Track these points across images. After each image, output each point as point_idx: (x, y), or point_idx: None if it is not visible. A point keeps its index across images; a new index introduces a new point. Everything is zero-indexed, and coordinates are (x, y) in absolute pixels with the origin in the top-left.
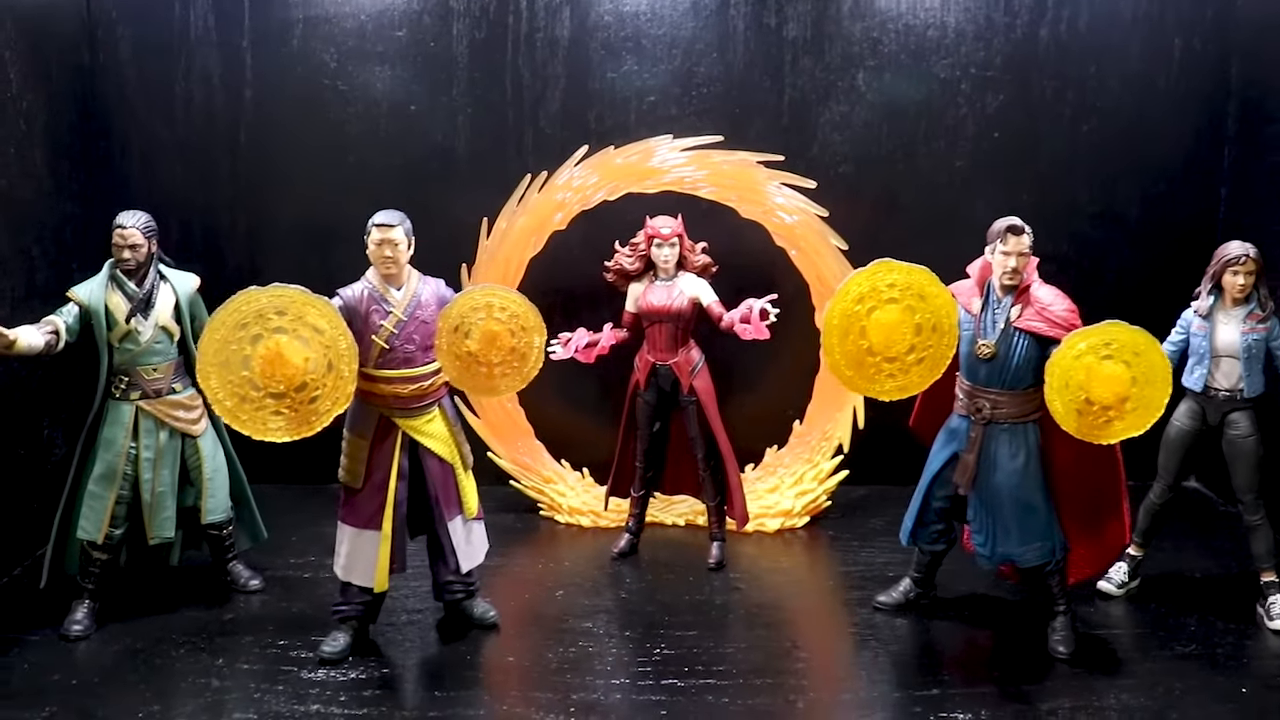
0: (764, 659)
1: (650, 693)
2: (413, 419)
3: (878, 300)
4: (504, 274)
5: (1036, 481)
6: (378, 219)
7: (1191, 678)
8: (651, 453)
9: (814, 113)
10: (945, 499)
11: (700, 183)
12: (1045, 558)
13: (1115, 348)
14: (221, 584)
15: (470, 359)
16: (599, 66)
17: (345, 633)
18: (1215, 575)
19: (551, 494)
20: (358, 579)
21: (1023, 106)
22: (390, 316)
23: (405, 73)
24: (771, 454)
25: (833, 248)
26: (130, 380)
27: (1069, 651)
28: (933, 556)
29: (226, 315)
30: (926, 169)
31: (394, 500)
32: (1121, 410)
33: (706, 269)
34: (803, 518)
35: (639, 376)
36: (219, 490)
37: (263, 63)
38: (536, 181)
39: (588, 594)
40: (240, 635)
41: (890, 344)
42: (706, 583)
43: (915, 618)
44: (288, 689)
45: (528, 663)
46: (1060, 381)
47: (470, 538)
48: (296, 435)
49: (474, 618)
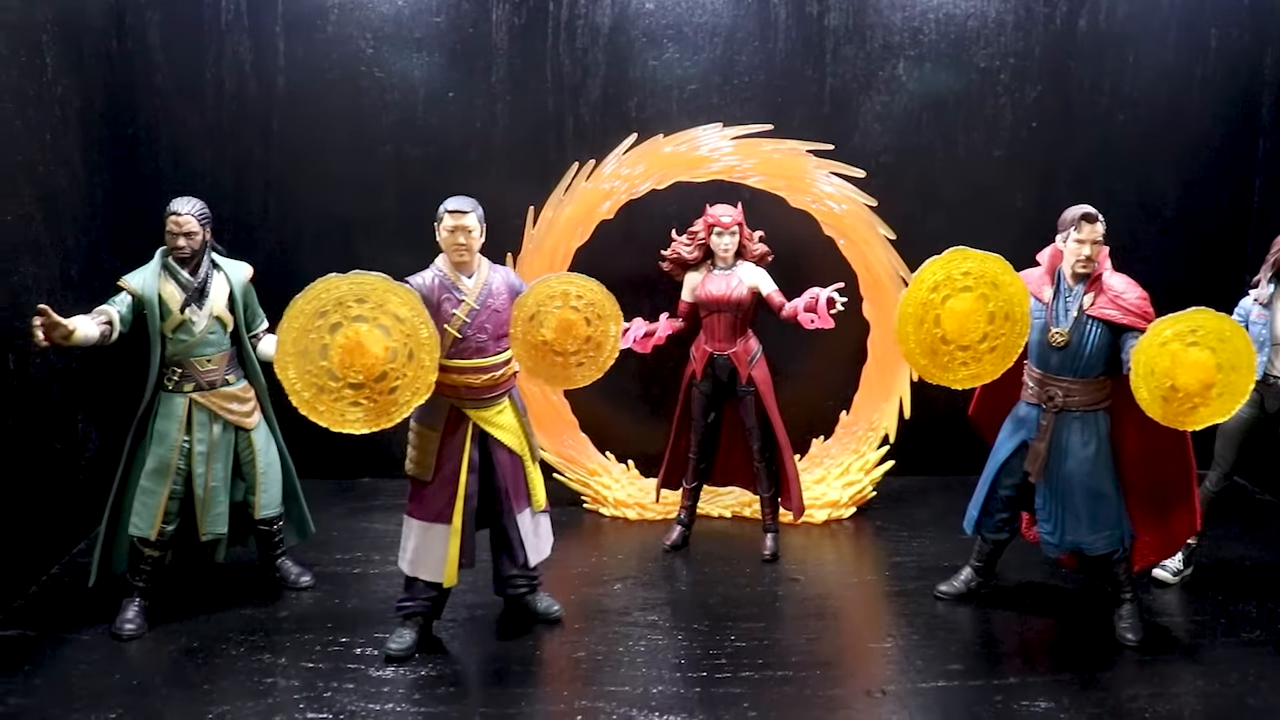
0: (836, 650)
1: (729, 685)
2: (484, 410)
3: (952, 288)
4: (550, 264)
5: (1107, 470)
6: (450, 205)
7: (1263, 664)
8: (705, 444)
9: (855, 102)
10: (1012, 487)
11: (749, 172)
12: (1114, 546)
13: (1201, 334)
14: (270, 581)
15: (545, 348)
16: (640, 54)
17: (411, 629)
18: (1266, 563)
19: (596, 486)
20: (425, 574)
21: (1060, 96)
22: (463, 305)
23: (443, 59)
24: (818, 445)
25: (881, 237)
26: (184, 372)
27: (1138, 639)
28: (995, 545)
29: (305, 303)
30: (965, 159)
31: (464, 493)
32: (1206, 397)
33: (764, 258)
34: (849, 509)
35: (695, 367)
36: (272, 485)
37: (296, 49)
38: (584, 171)
39: (645, 587)
40: (299, 633)
41: (964, 332)
42: (763, 575)
43: (977, 607)
44: (357, 687)
45: (599, 657)
46: (1145, 369)
47: (538, 531)
48: (375, 427)
49: (538, 612)
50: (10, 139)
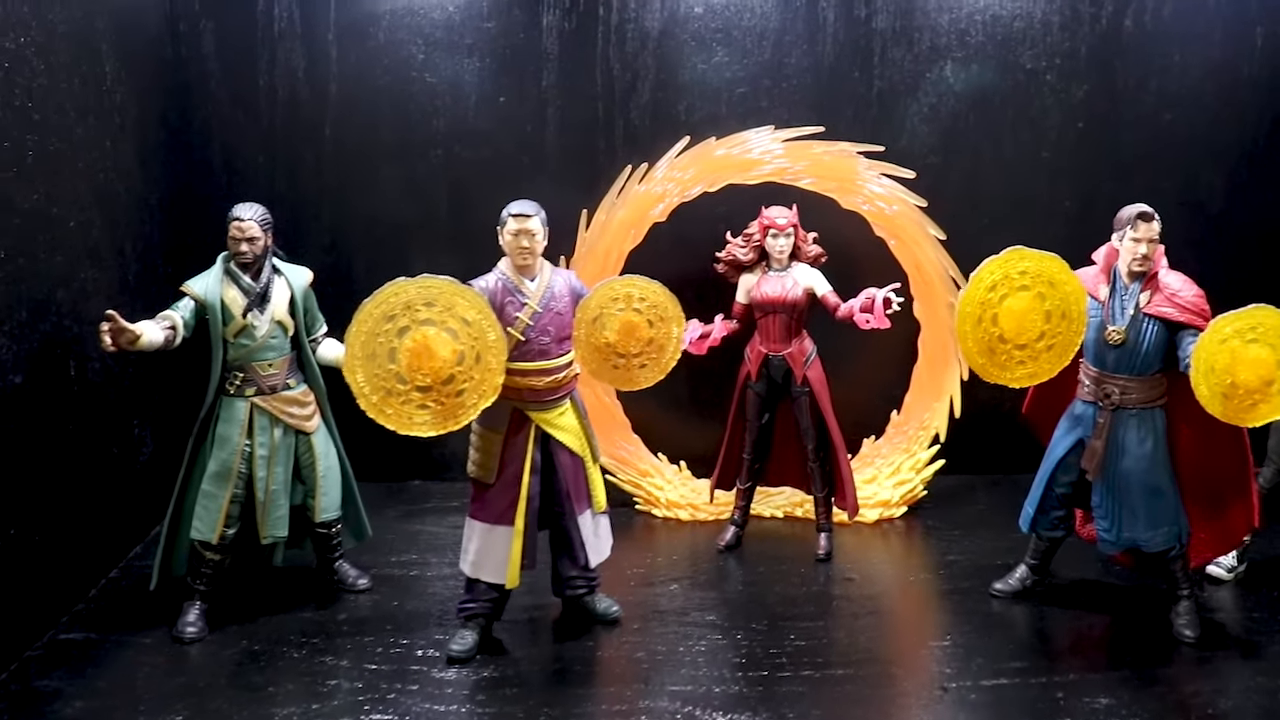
0: (895, 648)
1: (790, 684)
2: (546, 412)
3: (1010, 288)
4: (603, 267)
5: (1164, 466)
6: (514, 208)
7: None
8: (759, 444)
9: (903, 104)
10: (1068, 485)
11: (800, 174)
12: (1171, 542)
13: (1261, 331)
14: (327, 584)
15: (609, 350)
16: (689, 58)
17: (473, 630)
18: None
19: (649, 487)
20: (488, 575)
21: (1107, 96)
22: (525, 308)
23: (494, 64)
24: (869, 445)
25: (931, 238)
26: (245, 376)
27: (1195, 635)
28: (1050, 543)
29: (374, 308)
30: (1012, 160)
31: (527, 495)
32: (1267, 393)
33: (819, 259)
34: (900, 508)
35: (750, 368)
36: (332, 489)
37: (348, 55)
38: (636, 174)
39: (702, 587)
40: (358, 635)
41: (1021, 331)
42: (818, 574)
43: (1032, 604)
44: (422, 689)
45: (659, 656)
46: (1205, 366)
47: (598, 532)
48: (442, 429)
49: (596, 613)
50: (71, 146)
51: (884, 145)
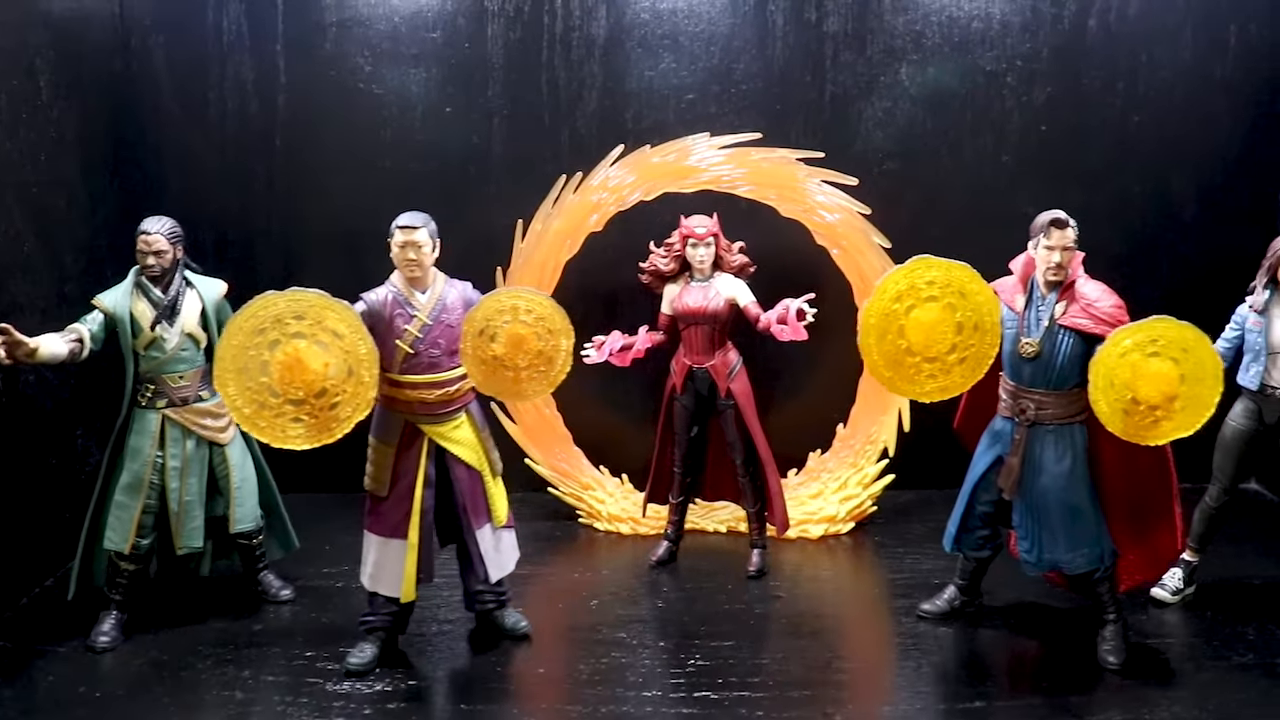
0: (802, 670)
1: (682, 705)
2: (439, 425)
3: (916, 298)
4: (540, 277)
5: (1083, 485)
6: (401, 220)
7: (1248, 690)
8: (690, 458)
9: (856, 108)
10: (990, 504)
11: (738, 181)
12: (1093, 564)
13: (1162, 344)
14: (252, 594)
15: (496, 363)
16: (636, 65)
17: (372, 644)
18: (1277, 581)
19: (590, 501)
20: (385, 589)
21: (1071, 99)
22: (415, 320)
23: (440, 75)
24: (815, 458)
25: (876, 246)
26: (156, 388)
27: (1119, 662)
28: (978, 563)
29: (244, 321)
30: (972, 165)
31: (420, 508)
32: (1170, 410)
33: (744, 269)
34: (848, 523)
35: (675, 380)
36: (247, 499)
37: (296, 68)
38: (571, 183)
39: (623, 603)
40: (268, 646)
41: (930, 343)
42: (746, 591)
43: (961, 626)
44: (312, 701)
45: (558, 674)
46: (1105, 380)
47: (500, 546)
48: (317, 443)
49: (505, 628)
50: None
51: (838, 151)
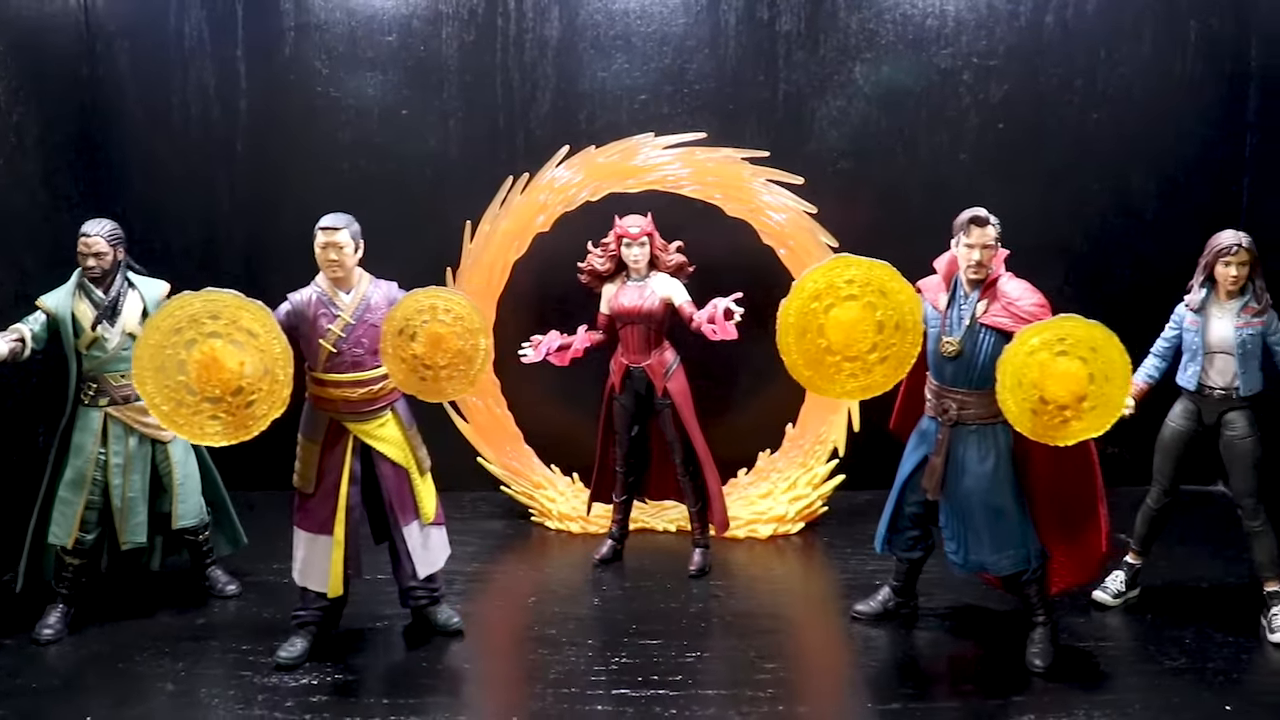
0: (725, 670)
1: (598, 702)
2: (364, 423)
3: (835, 297)
4: (489, 278)
5: (1007, 486)
6: (323, 222)
7: (1176, 694)
8: (632, 457)
9: (809, 107)
10: (918, 504)
11: (684, 181)
12: (1020, 566)
13: (1070, 343)
14: (200, 589)
15: (416, 362)
16: (589, 66)
17: (304, 638)
18: (1226, 585)
19: (541, 499)
20: (313, 584)
21: (1029, 96)
22: (338, 320)
23: (396, 78)
24: (765, 458)
25: (822, 245)
26: (99, 387)
27: (1045, 665)
28: (911, 564)
29: (161, 320)
30: (928, 163)
31: (346, 505)
32: (1079, 409)
33: (682, 268)
34: (797, 524)
35: (614, 379)
36: (190, 496)
37: (256, 72)
38: (519, 184)
39: (561, 601)
40: (207, 640)
41: (851, 342)
42: (685, 590)
43: (895, 628)
44: (238, 694)
45: (482, 670)
46: (1013, 380)
47: (428, 543)
48: (234, 440)
49: (438, 624)
50: None
51: (791, 150)
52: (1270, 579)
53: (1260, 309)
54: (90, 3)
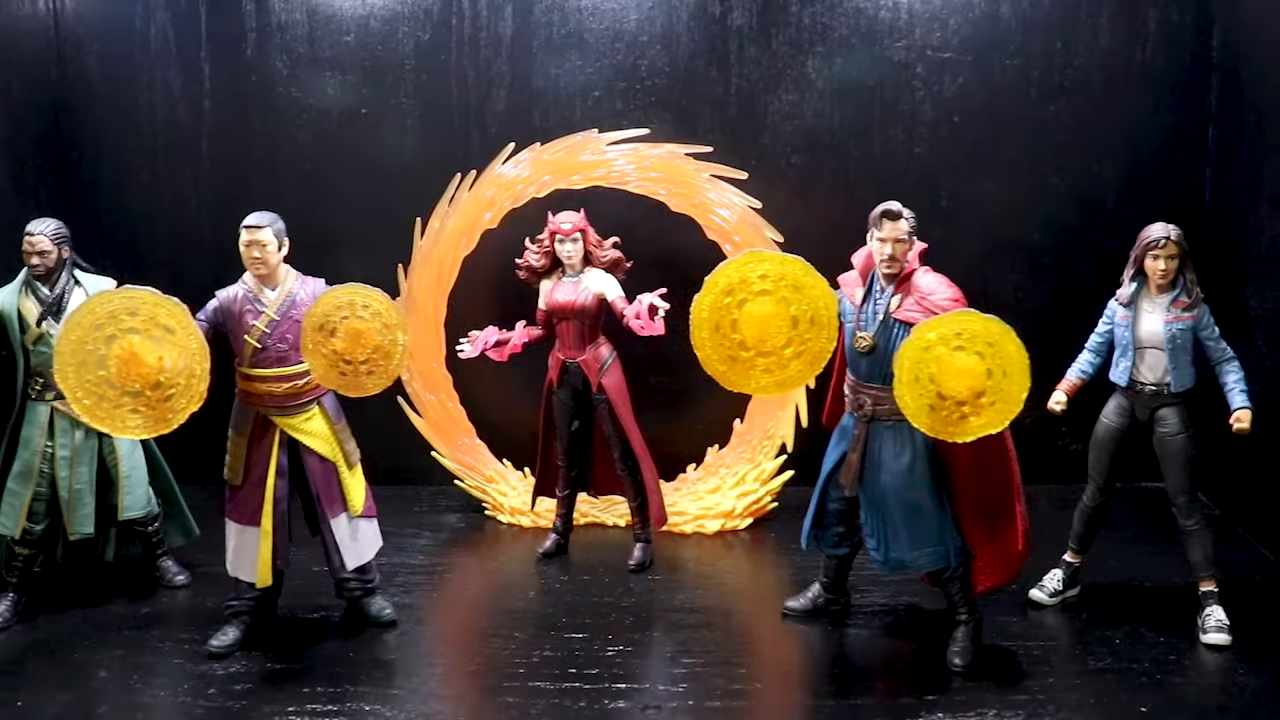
0: (644, 663)
1: (509, 694)
2: (290, 417)
3: (748, 292)
4: (439, 273)
5: (924, 482)
6: (246, 221)
7: (1092, 695)
8: (573, 452)
9: (762, 102)
10: (841, 500)
11: (630, 177)
12: (939, 563)
13: (967, 338)
14: (150, 580)
15: (336, 357)
16: (542, 64)
17: (236, 627)
18: (1171, 585)
19: (494, 494)
20: (244, 575)
21: (984, 88)
22: (263, 316)
23: (355, 77)
24: (713, 454)
25: (768, 241)
26: (45, 381)
27: (965, 664)
28: (839, 561)
29: (81, 317)
30: (883, 157)
31: (273, 497)
32: (977, 405)
33: (617, 264)
34: (745, 519)
35: (552, 375)
36: (136, 488)
37: (219, 73)
38: (466, 181)
39: (499, 594)
40: (149, 629)
41: (765, 338)
42: (622, 585)
43: (825, 625)
44: (167, 680)
45: (403, 660)
46: (910, 375)
47: (356, 535)
48: (154, 433)
49: (370, 615)
50: None
51: (746, 145)
52: (1205, 578)
53: (1190, 303)
54: (60, 6)
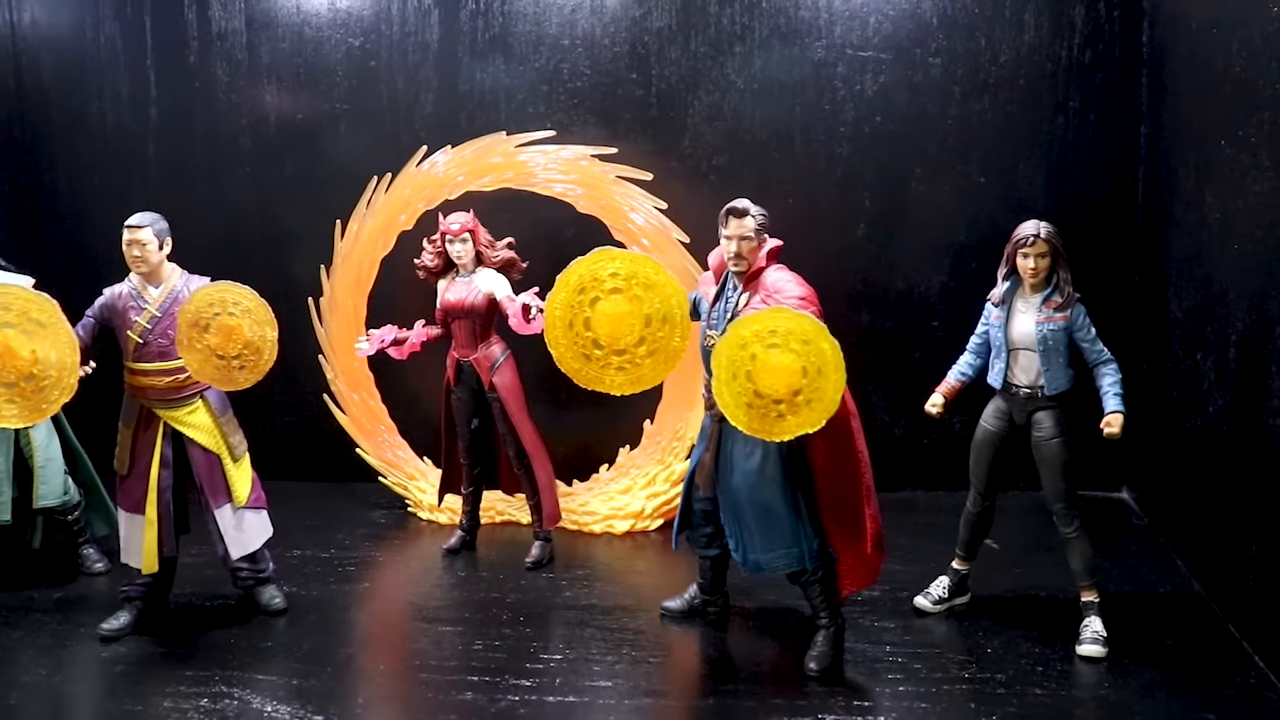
0: (502, 658)
1: (361, 680)
2: (173, 410)
3: (600, 290)
4: (358, 275)
5: (775, 483)
6: (128, 221)
7: (941, 703)
8: (475, 449)
9: (683, 103)
10: (706, 500)
11: (538, 178)
12: (794, 566)
13: (781, 335)
14: (74, 567)
15: (210, 352)
16: (468, 69)
17: (128, 612)
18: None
19: (414, 491)
20: (133, 561)
21: (907, 86)
22: (144, 313)
23: (291, 83)
24: (625, 454)
25: (675, 242)
26: None
27: (820, 669)
28: (712, 561)
29: None
30: (804, 157)
31: (156, 487)
32: (793, 404)
33: (512, 264)
34: (655, 520)
35: (449, 374)
36: (52, 477)
37: (165, 80)
38: (382, 184)
39: (393, 588)
40: (56, 613)
41: (618, 336)
42: (511, 581)
43: (699, 626)
44: (51, 661)
45: (274, 647)
46: (727, 373)
47: (241, 525)
48: (30, 421)
49: (261, 603)
50: None
51: (667, 147)
52: (1086, 588)
53: (1063, 303)
54: (17, 19)
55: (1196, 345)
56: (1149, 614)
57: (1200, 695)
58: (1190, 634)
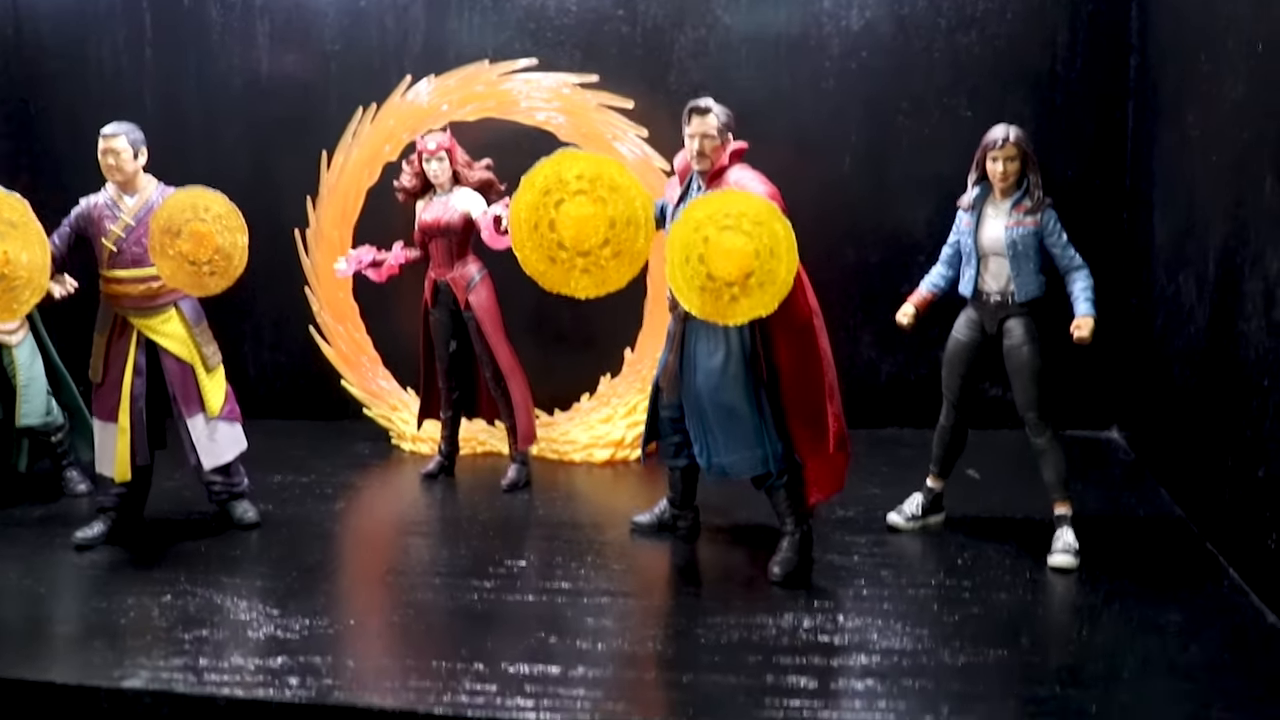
0: (468, 564)
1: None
2: (147, 318)
3: (565, 192)
4: (344, 206)
5: (738, 383)
6: (104, 130)
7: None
8: (454, 372)
9: (668, 39)
10: (672, 408)
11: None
12: (758, 469)
13: (734, 217)
14: (57, 488)
15: (181, 258)
16: (456, 6)
17: (102, 522)
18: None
19: (397, 422)
20: (106, 470)
21: (892, 21)
22: (119, 221)
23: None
24: (605, 383)
25: (658, 170)
26: None
27: (783, 574)
28: (682, 473)
29: None
30: (790, 93)
31: (130, 395)
32: (746, 286)
33: (489, 184)
34: (635, 449)
35: (426, 295)
36: (34, 398)
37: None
38: (368, 114)
39: (365, 508)
40: (37, 527)
41: (583, 238)
42: (485, 502)
43: (669, 539)
44: (25, 568)
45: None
46: (680, 256)
47: (214, 436)
48: (3, 320)
49: (234, 517)
50: None
51: (654, 83)
52: (1059, 500)
53: (1033, 207)
54: None
55: (1179, 267)
56: (1126, 534)
57: (1168, 600)
58: (1166, 550)
